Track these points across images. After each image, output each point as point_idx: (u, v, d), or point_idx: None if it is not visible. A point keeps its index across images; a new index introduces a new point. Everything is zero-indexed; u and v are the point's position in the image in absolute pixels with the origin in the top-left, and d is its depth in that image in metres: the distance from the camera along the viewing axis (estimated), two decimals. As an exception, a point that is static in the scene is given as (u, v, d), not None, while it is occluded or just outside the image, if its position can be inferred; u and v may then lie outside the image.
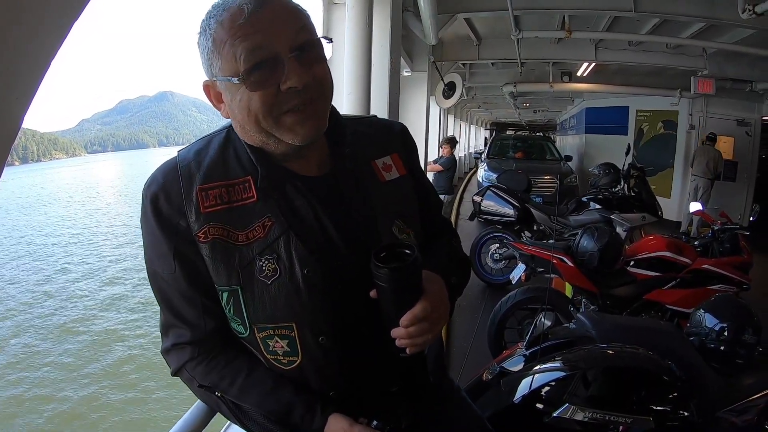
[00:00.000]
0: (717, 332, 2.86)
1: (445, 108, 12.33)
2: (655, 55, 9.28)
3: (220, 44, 1.06)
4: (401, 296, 1.13)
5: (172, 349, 1.24)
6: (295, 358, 1.18)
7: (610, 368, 2.66)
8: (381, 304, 1.15)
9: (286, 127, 1.10)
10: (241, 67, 1.05)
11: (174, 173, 1.15)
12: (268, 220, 1.14)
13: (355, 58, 3.79)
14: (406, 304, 1.12)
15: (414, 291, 1.14)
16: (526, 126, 38.15)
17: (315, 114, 1.12)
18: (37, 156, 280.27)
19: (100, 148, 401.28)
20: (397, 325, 1.13)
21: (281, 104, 1.08)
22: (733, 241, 4.79)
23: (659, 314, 4.51)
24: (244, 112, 1.09)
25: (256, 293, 1.14)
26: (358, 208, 1.24)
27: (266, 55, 1.05)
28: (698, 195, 10.65)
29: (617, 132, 14.24)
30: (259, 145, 1.16)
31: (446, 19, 7.13)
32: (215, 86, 1.14)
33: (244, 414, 1.19)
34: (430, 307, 1.13)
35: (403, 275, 1.11)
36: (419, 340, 1.14)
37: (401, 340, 1.14)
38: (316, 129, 1.13)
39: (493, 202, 7.18)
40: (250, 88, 1.06)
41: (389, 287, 1.11)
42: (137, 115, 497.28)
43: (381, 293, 1.13)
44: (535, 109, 24.15)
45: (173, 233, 1.13)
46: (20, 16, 0.84)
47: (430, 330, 1.14)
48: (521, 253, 4.90)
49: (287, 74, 1.05)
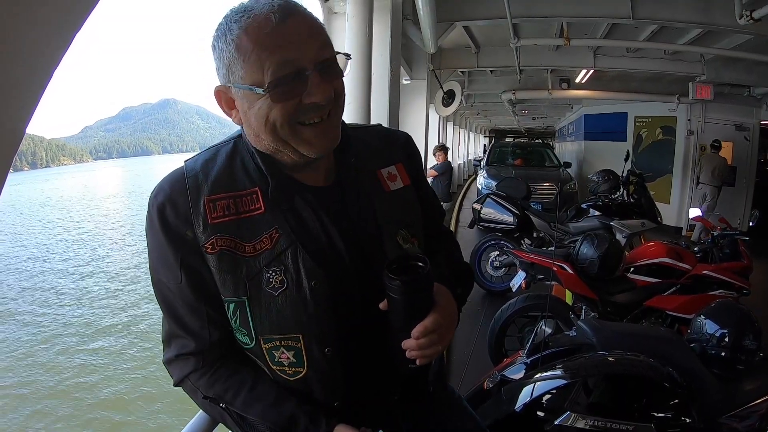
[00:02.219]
0: (718, 338, 2.86)
1: (444, 116, 12.34)
2: (653, 62, 9.30)
3: (245, 52, 1.05)
4: (413, 308, 1.13)
5: (175, 359, 1.23)
6: (301, 369, 1.18)
7: (612, 375, 2.67)
8: (391, 316, 1.15)
9: (303, 138, 1.11)
10: (267, 79, 1.05)
11: (181, 183, 1.15)
12: (276, 231, 1.14)
13: (355, 67, 3.81)
14: (418, 316, 1.13)
15: (426, 303, 1.14)
16: (525, 133, 38.22)
17: (331, 127, 1.13)
18: (45, 162, 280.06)
19: (105, 154, 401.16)
20: (408, 336, 1.13)
21: (300, 116, 1.09)
22: (733, 246, 4.78)
23: (660, 321, 4.50)
24: (261, 121, 1.09)
25: (263, 305, 1.14)
26: (363, 218, 1.24)
27: (293, 69, 1.05)
28: (706, 202, 10.71)
29: (616, 138, 14.21)
30: (272, 153, 1.16)
31: (445, 27, 7.15)
32: (228, 92, 1.13)
33: (250, 426, 1.18)
34: (441, 320, 1.14)
35: (416, 288, 1.11)
36: (429, 352, 1.15)
37: (411, 352, 1.14)
38: (332, 142, 1.15)
39: (492, 209, 7.17)
40: (274, 99, 1.06)
41: (401, 299, 1.11)
42: (140, 122, 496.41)
43: (392, 305, 1.13)
44: (534, 116, 24.11)
45: (180, 244, 1.13)
46: (24, 25, 0.85)
47: (439, 342, 1.15)
48: (521, 261, 4.90)
49: (310, 89, 1.07)
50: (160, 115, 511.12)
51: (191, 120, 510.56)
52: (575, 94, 12.43)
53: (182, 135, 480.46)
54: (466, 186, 21.22)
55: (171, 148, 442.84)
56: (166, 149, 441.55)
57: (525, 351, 3.03)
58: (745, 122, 11.60)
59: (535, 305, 4.40)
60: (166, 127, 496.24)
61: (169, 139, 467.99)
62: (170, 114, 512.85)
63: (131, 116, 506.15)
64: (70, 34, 0.97)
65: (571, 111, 19.26)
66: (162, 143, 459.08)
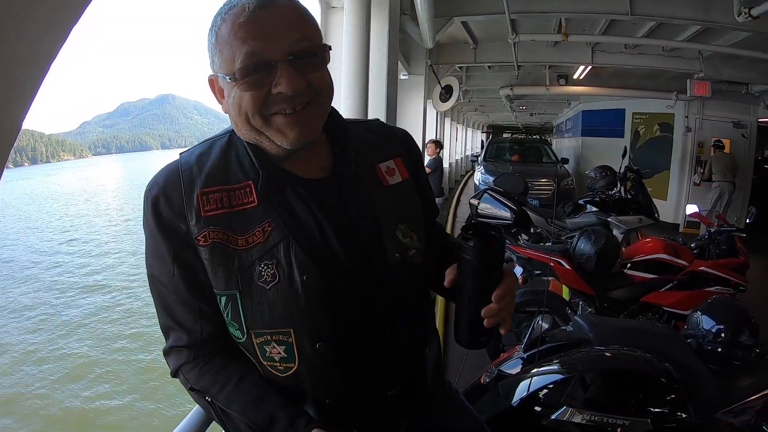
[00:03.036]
0: (714, 334, 2.87)
1: (441, 111, 12.34)
2: (651, 58, 9.29)
3: (222, 42, 1.08)
4: (490, 272, 1.14)
5: (170, 351, 1.24)
6: (292, 364, 1.17)
7: (608, 371, 2.67)
8: (465, 283, 1.15)
9: (275, 127, 1.11)
10: (236, 68, 1.06)
11: (176, 176, 1.15)
12: (268, 225, 1.13)
13: (353, 62, 3.80)
14: (493, 281, 1.14)
15: (499, 268, 1.16)
16: (523, 129, 38.17)
17: (306, 119, 1.12)
18: (45, 157, 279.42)
19: (104, 150, 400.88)
20: (482, 304, 1.14)
21: (270, 106, 1.09)
22: (730, 243, 4.79)
23: (656, 316, 4.50)
24: (236, 109, 1.11)
25: (255, 298, 1.13)
26: (362, 216, 1.23)
27: (260, 60, 1.06)
28: (723, 201, 10.83)
29: (614, 135, 14.23)
30: (255, 143, 1.16)
31: (443, 22, 7.13)
32: (218, 81, 1.15)
33: (230, 421, 1.19)
34: (512, 284, 1.17)
35: (493, 251, 1.13)
36: (506, 315, 1.17)
37: (491, 319, 1.15)
38: (305, 134, 1.13)
39: (490, 205, 7.17)
40: (241, 88, 1.08)
41: (479, 263, 1.12)
42: (138, 117, 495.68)
43: (468, 270, 1.14)
44: (532, 112, 24.14)
45: (173, 237, 1.13)
46: (20, 19, 0.84)
47: (513, 305, 1.18)
48: (518, 256, 4.90)
49: (278, 79, 1.07)
50: (159, 111, 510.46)
51: (189, 116, 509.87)
52: (573, 90, 12.43)
53: (180, 131, 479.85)
54: (463, 182, 21.23)
55: (170, 144, 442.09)
56: (165, 145, 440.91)
57: (522, 346, 3.03)
58: (742, 119, 11.62)
59: (533, 300, 4.41)
60: (164, 123, 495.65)
61: (167, 135, 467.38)
62: (168, 109, 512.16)
63: (129, 112, 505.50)
64: (67, 27, 0.97)
65: (569, 107, 19.26)
66: (161, 138, 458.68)
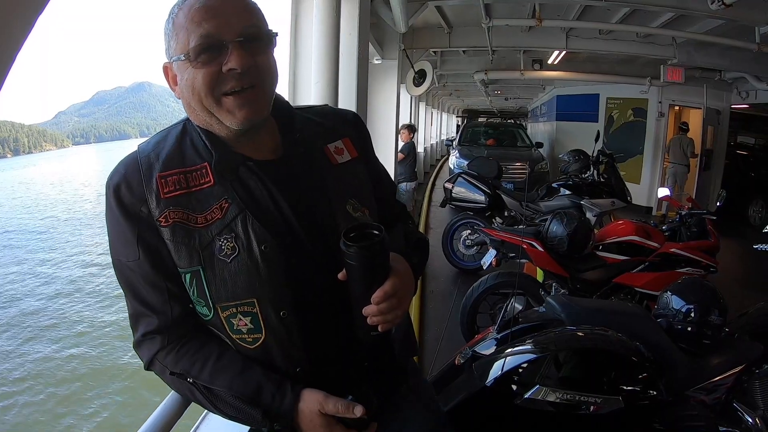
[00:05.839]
0: (684, 314, 2.91)
1: (416, 96, 12.31)
2: (626, 44, 9.31)
3: (179, 27, 1.15)
4: (371, 274, 1.17)
5: (143, 340, 1.27)
6: (259, 335, 1.22)
7: (580, 350, 2.70)
8: (350, 284, 1.19)
9: (225, 108, 1.17)
10: (190, 47, 1.13)
11: (135, 164, 1.21)
12: (225, 201, 1.20)
13: (323, 47, 3.76)
14: (376, 282, 1.17)
15: (383, 269, 1.19)
16: (498, 113, 38.23)
17: (254, 100, 1.18)
18: (28, 148, 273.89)
19: (83, 139, 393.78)
20: (367, 303, 1.17)
21: (221, 85, 1.15)
22: (701, 225, 4.87)
23: (628, 297, 4.57)
24: (189, 90, 1.17)
25: (217, 272, 1.19)
26: (311, 190, 1.29)
27: (213, 41, 1.13)
28: (676, 180, 11.09)
29: (588, 119, 14.28)
30: (206, 126, 1.23)
31: (417, 6, 7.08)
32: (171, 68, 1.21)
33: (217, 398, 1.21)
34: (399, 284, 1.19)
35: (373, 253, 1.15)
36: (389, 317, 1.20)
37: (372, 318, 1.19)
38: (253, 115, 1.19)
39: (464, 188, 7.22)
40: (195, 66, 1.14)
41: (359, 265, 1.15)
42: (114, 106, 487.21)
43: (351, 272, 1.17)
44: (507, 97, 24.14)
45: (136, 220, 1.18)
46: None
47: (399, 306, 1.21)
48: (492, 239, 4.93)
49: (229, 57, 1.13)
50: (135, 99, 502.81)
51: (166, 103, 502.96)
52: (548, 75, 12.43)
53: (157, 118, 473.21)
54: (438, 166, 21.27)
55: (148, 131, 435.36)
56: (144, 132, 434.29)
57: (496, 327, 3.06)
58: (716, 106, 11.76)
59: (506, 282, 4.45)
60: (141, 111, 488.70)
61: (145, 123, 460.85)
62: (145, 97, 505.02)
63: (105, 100, 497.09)
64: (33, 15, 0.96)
65: (544, 92, 19.33)
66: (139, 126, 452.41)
